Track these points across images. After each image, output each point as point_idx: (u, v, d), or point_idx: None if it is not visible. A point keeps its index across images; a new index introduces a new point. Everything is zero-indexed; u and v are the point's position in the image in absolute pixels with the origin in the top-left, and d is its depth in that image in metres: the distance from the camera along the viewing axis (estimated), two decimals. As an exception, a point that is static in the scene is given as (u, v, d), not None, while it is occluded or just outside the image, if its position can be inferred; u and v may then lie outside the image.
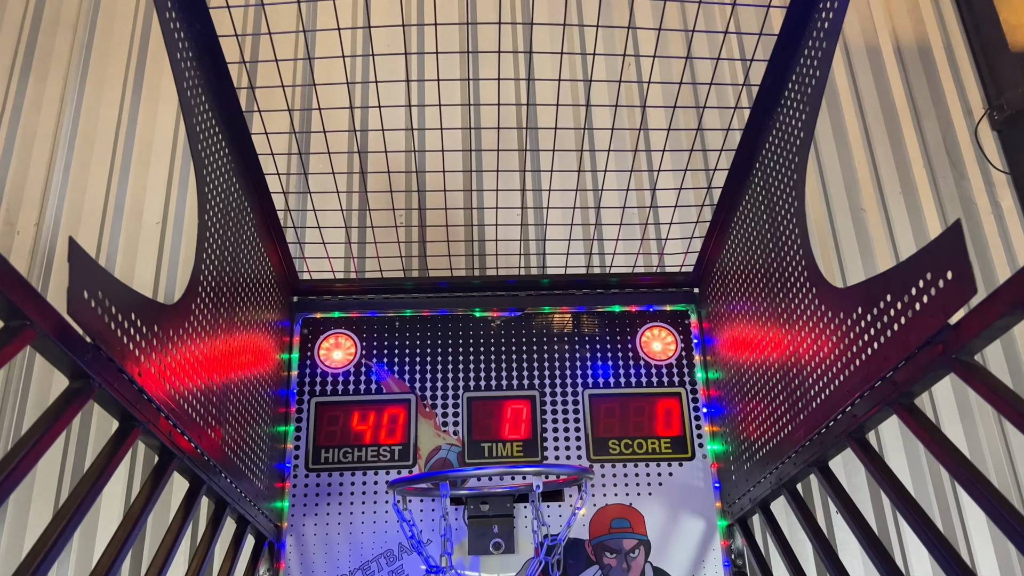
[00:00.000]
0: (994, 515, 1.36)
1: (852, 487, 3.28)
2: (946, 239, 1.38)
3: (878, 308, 1.63)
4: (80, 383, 1.38)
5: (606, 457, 2.78)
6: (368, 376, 2.87)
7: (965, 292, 1.34)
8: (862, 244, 3.91)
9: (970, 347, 1.40)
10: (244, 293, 2.36)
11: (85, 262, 1.34)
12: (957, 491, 3.34)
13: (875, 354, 1.66)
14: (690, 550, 2.69)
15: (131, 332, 1.52)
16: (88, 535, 3.13)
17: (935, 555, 1.57)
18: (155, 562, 1.77)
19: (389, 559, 2.64)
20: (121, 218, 3.79)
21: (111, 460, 1.51)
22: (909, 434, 3.40)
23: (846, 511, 1.93)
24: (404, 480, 2.40)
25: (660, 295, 3.04)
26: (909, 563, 3.22)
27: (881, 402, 1.68)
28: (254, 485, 2.38)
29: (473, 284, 2.99)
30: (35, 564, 1.25)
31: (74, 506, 1.38)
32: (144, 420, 1.59)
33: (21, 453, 1.21)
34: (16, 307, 1.15)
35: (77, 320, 1.31)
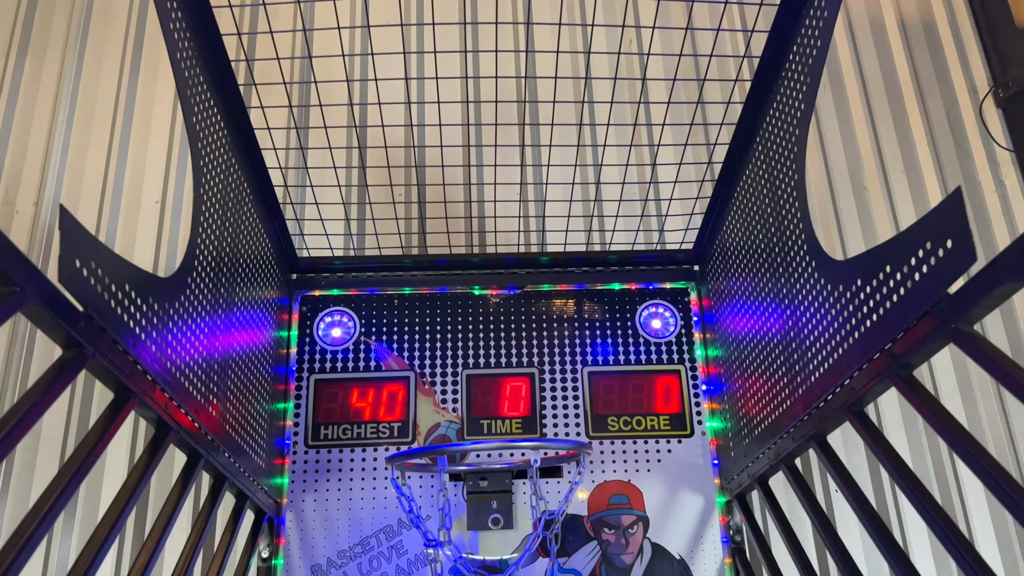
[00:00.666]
0: (993, 486, 1.36)
1: (852, 465, 3.28)
2: (946, 207, 1.37)
3: (877, 279, 1.62)
4: (73, 352, 1.37)
5: (605, 434, 2.78)
6: (367, 354, 2.87)
7: (965, 260, 1.32)
8: (864, 222, 3.89)
9: (969, 316, 1.39)
10: (241, 269, 2.35)
11: (76, 230, 1.33)
12: (956, 466, 3.34)
13: (874, 326, 1.64)
14: (688, 526, 2.69)
15: (125, 303, 1.51)
16: (91, 509, 3.14)
17: (934, 528, 1.56)
18: (152, 535, 1.78)
19: (388, 535, 2.65)
20: (120, 198, 3.78)
21: (107, 431, 1.51)
22: (908, 409, 3.40)
23: (844, 486, 1.92)
24: (402, 454, 2.40)
25: (660, 272, 3.02)
26: (908, 539, 3.22)
27: (880, 374, 1.67)
28: (253, 461, 2.38)
29: (472, 262, 2.98)
30: (27, 533, 1.25)
31: (69, 474, 1.38)
32: (139, 392, 1.59)
33: (12, 421, 1.20)
34: (6, 274, 1.14)
35: (68, 288, 1.30)
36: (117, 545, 3.09)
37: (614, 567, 2.63)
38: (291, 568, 2.61)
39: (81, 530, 3.12)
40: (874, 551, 2.06)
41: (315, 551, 2.63)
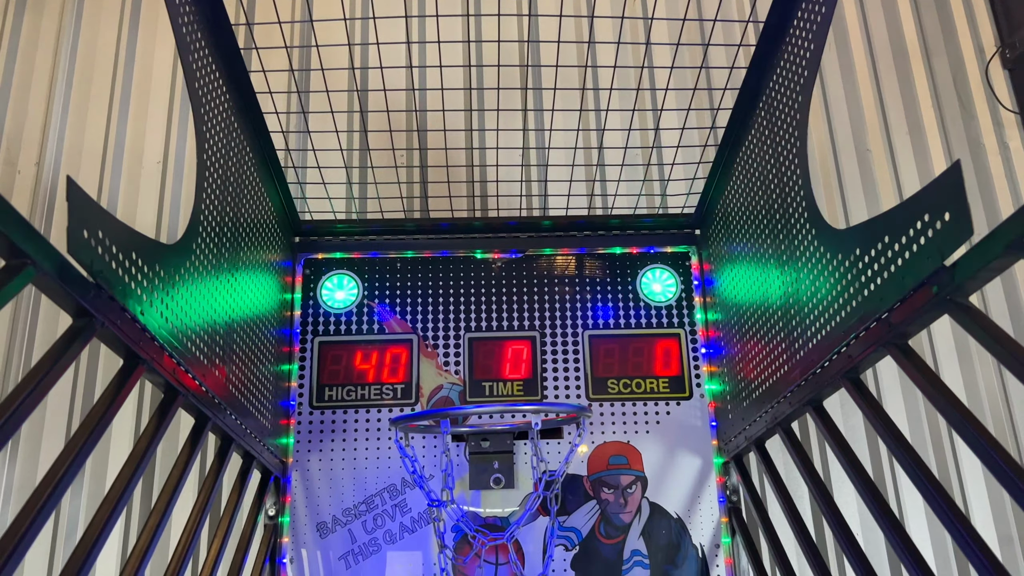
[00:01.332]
0: (984, 456, 1.39)
1: (849, 427, 3.32)
2: (945, 179, 1.38)
3: (876, 249, 1.64)
4: (83, 321, 1.40)
5: (605, 396, 2.82)
6: (370, 316, 2.90)
7: (962, 233, 1.34)
8: (866, 185, 3.88)
9: (965, 288, 1.41)
10: (245, 233, 2.37)
11: (84, 201, 1.34)
12: (953, 436, 3.39)
13: (871, 295, 1.66)
14: (686, 486, 2.75)
15: (132, 271, 1.53)
16: (99, 473, 3.21)
17: (926, 495, 1.60)
18: (162, 496, 1.82)
19: (392, 493, 2.71)
20: (121, 158, 3.78)
21: (116, 396, 1.54)
22: (908, 380, 3.44)
23: (839, 449, 1.96)
24: (406, 417, 2.44)
25: (661, 236, 3.03)
26: (903, 506, 3.28)
27: (876, 343, 1.69)
28: (259, 422, 2.43)
29: (474, 226, 2.99)
30: (43, 497, 1.29)
31: (81, 441, 1.42)
32: (148, 358, 1.62)
33: (27, 391, 1.23)
34: (16, 247, 1.16)
35: (77, 259, 1.32)
36: (126, 507, 3.16)
37: (613, 525, 2.69)
38: (297, 526, 2.67)
39: (90, 493, 3.19)
40: (870, 516, 2.10)
41: (320, 509, 2.69)
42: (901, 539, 1.70)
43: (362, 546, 2.65)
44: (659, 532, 2.70)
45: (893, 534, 1.72)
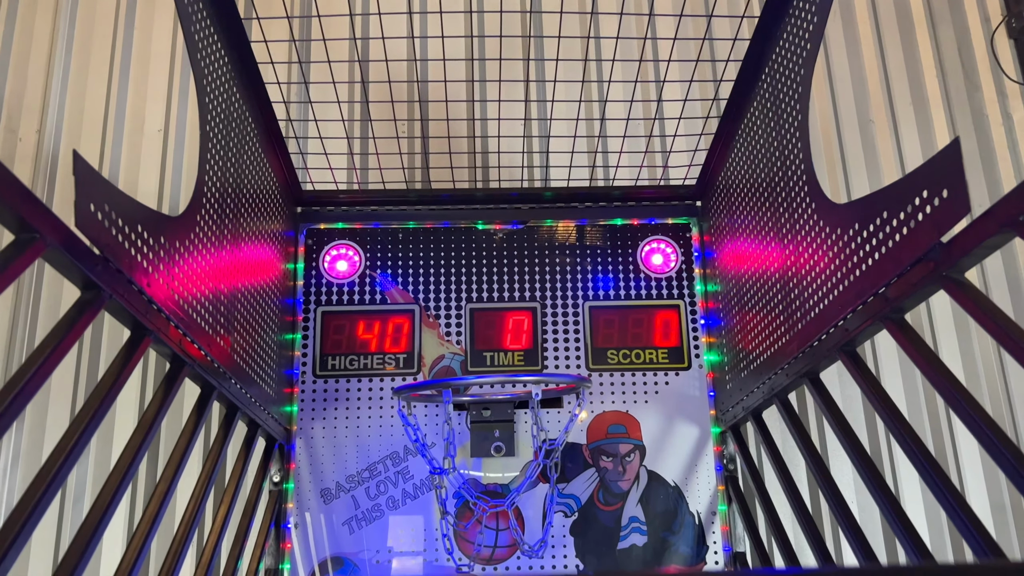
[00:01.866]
0: (976, 431, 1.41)
1: (846, 396, 3.35)
2: (944, 157, 1.39)
3: (874, 224, 1.65)
4: (91, 294, 1.42)
5: (604, 367, 2.85)
6: (372, 286, 2.92)
7: (959, 211, 1.35)
8: (868, 155, 3.88)
9: (960, 265, 1.43)
10: (248, 203, 2.38)
11: (90, 175, 1.36)
12: (950, 411, 3.42)
13: (869, 270, 1.68)
14: (684, 455, 2.79)
15: (138, 244, 1.55)
16: (105, 442, 3.25)
17: (919, 467, 1.63)
18: (169, 464, 1.86)
19: (395, 460, 2.75)
20: (123, 126, 3.78)
21: (124, 368, 1.57)
22: (907, 356, 3.47)
23: (834, 421, 2.00)
24: (408, 387, 2.48)
25: (662, 208, 3.04)
26: (898, 476, 3.32)
27: (873, 317, 1.71)
28: (263, 390, 2.46)
29: (476, 196, 3.00)
30: (55, 467, 1.32)
31: (91, 412, 1.45)
32: (154, 329, 1.64)
33: (37, 363, 1.26)
34: (25, 221, 1.18)
35: (85, 233, 1.34)
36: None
37: (611, 493, 2.74)
38: (301, 491, 2.72)
39: (96, 462, 3.23)
40: (865, 488, 2.14)
41: (324, 476, 2.74)
42: (895, 511, 1.74)
43: (365, 511, 2.70)
44: (657, 500, 2.75)
45: (887, 506, 1.76)
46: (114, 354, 1.59)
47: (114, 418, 3.28)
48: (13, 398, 1.18)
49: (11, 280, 1.16)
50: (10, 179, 1.13)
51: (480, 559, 2.67)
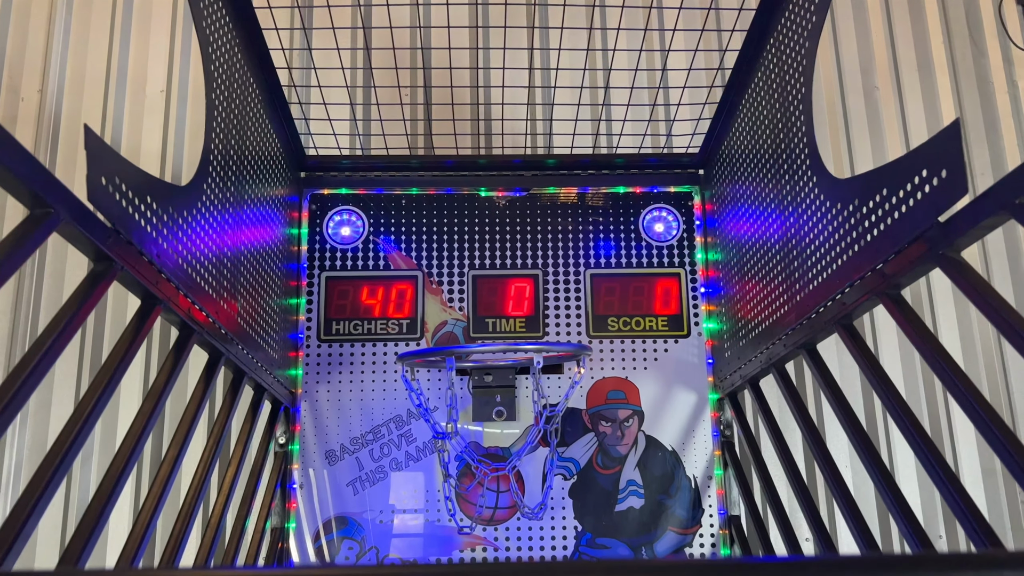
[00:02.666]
0: (966, 406, 1.45)
1: (843, 366, 3.39)
2: (944, 138, 1.41)
3: (874, 201, 1.67)
4: (103, 266, 1.45)
5: (605, 334, 2.89)
6: (376, 252, 2.95)
7: (957, 192, 1.38)
8: (872, 122, 3.87)
9: (957, 244, 1.45)
10: (252, 170, 2.40)
11: (101, 149, 1.38)
12: (947, 394, 3.46)
13: (868, 245, 1.71)
14: (681, 420, 2.84)
15: (148, 215, 1.58)
16: (111, 410, 3.29)
17: (911, 442, 1.68)
18: (180, 428, 1.90)
19: (398, 424, 2.81)
20: (124, 86, 3.76)
21: (136, 337, 1.60)
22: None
23: (830, 393, 2.04)
24: (413, 354, 2.52)
25: (665, 176, 3.05)
26: (893, 449, 3.36)
27: (870, 292, 1.74)
28: (268, 354, 2.51)
29: (479, 163, 3.01)
30: (71, 436, 1.36)
31: (104, 381, 1.48)
32: (164, 298, 1.68)
33: (53, 334, 1.29)
34: (40, 196, 1.20)
35: (97, 206, 1.36)
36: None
37: (610, 457, 2.80)
38: (306, 453, 2.79)
39: (103, 431, 3.28)
40: (859, 458, 2.19)
41: (329, 438, 2.80)
42: (888, 484, 1.79)
43: (369, 473, 2.77)
44: (654, 464, 2.81)
45: (880, 479, 1.80)
46: (111, 324, 1.62)
47: (119, 389, 3.33)
48: (31, 371, 1.22)
49: (29, 254, 1.19)
50: (24, 155, 1.15)
51: (481, 520, 2.74)
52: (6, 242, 1.17)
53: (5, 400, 1.17)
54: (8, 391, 1.18)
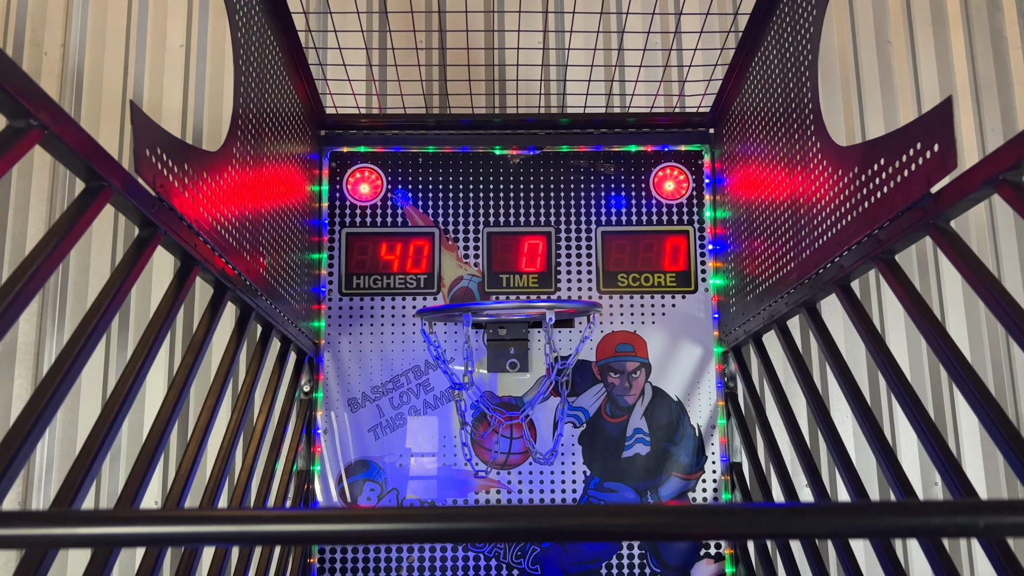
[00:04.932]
0: (959, 380, 1.54)
1: (848, 330, 3.46)
2: (937, 114, 1.49)
3: (872, 170, 1.76)
4: (148, 231, 1.56)
5: (614, 289, 3.00)
6: (394, 209, 3.05)
7: (948, 165, 1.46)
8: (884, 78, 3.90)
9: (947, 214, 1.54)
10: (277, 131, 2.49)
11: (145, 122, 1.48)
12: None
13: (865, 211, 1.80)
14: (687, 372, 2.97)
15: (185, 181, 1.68)
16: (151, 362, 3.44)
17: (903, 404, 1.79)
18: (216, 380, 2.04)
19: (416, 374, 2.95)
20: (145, 41, 3.83)
21: (176, 297, 1.72)
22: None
23: (828, 352, 2.15)
24: (431, 310, 2.65)
25: (676, 135, 3.12)
26: (894, 410, 3.46)
27: (866, 256, 1.84)
28: (294, 307, 2.63)
29: (494, 122, 3.08)
30: (123, 393, 1.50)
31: (152, 337, 1.61)
32: (202, 260, 1.79)
33: (106, 301, 1.41)
34: (95, 170, 1.31)
35: (143, 177, 1.47)
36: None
37: (618, 406, 2.94)
38: (330, 400, 2.94)
39: (151, 384, 3.44)
40: (854, 415, 2.29)
41: (351, 387, 2.94)
42: (882, 447, 1.90)
43: (389, 419, 2.92)
44: (660, 413, 2.94)
45: (875, 441, 1.91)
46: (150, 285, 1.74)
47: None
48: (91, 331, 1.34)
49: (87, 225, 1.30)
50: (82, 135, 1.26)
51: (495, 465, 2.90)
52: (67, 214, 1.28)
53: (71, 358, 1.29)
54: (71, 352, 1.30)
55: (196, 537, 0.63)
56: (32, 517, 0.63)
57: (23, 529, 0.63)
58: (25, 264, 1.19)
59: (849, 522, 0.63)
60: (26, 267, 1.18)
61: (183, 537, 0.64)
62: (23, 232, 3.60)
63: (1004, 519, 0.62)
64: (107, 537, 0.63)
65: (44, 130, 1.16)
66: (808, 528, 0.63)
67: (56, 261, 1.24)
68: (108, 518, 0.63)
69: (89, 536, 0.62)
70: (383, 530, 0.63)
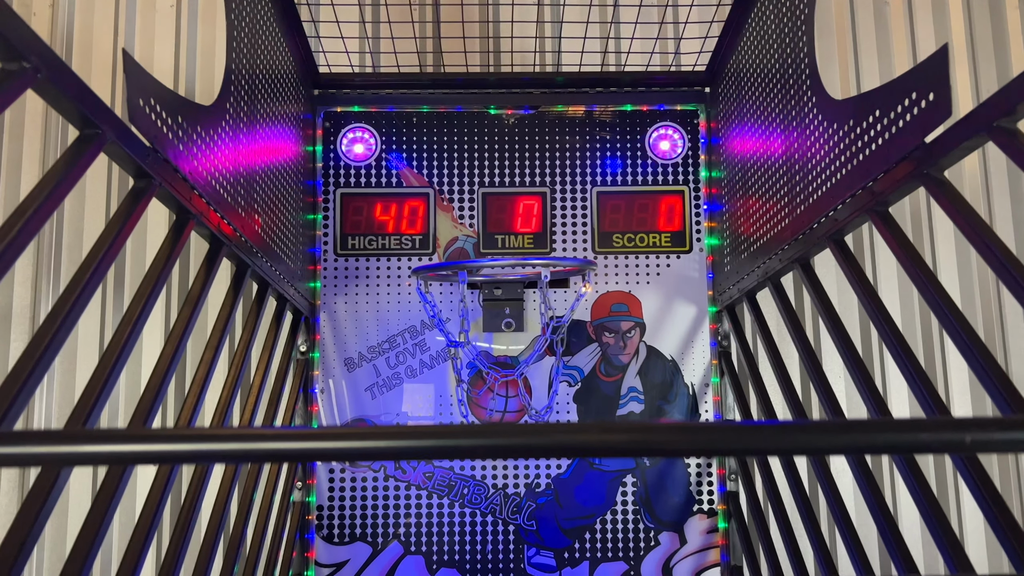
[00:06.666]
0: (951, 331, 1.56)
1: (841, 289, 3.48)
2: (932, 62, 1.49)
3: (867, 122, 1.76)
4: (143, 183, 1.56)
5: (610, 250, 3.01)
6: (389, 170, 3.04)
7: (942, 114, 1.47)
8: (880, 39, 3.88)
9: (940, 164, 1.55)
10: (270, 88, 2.47)
11: (137, 71, 1.47)
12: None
13: (860, 164, 1.80)
14: (681, 331, 2.99)
15: (180, 134, 1.68)
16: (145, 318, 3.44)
17: (895, 355, 1.80)
18: (210, 343, 2.04)
19: (412, 334, 2.96)
20: (135, 1, 3.78)
21: (172, 252, 1.72)
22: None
23: (821, 305, 2.16)
24: (427, 268, 2.65)
25: (672, 94, 3.11)
26: (886, 365, 3.50)
27: (860, 209, 1.85)
28: (290, 267, 2.64)
29: (488, 81, 3.06)
30: (125, 334, 1.50)
31: (147, 290, 1.61)
32: (197, 213, 1.79)
33: (103, 249, 1.41)
34: (89, 118, 1.31)
35: (137, 126, 1.46)
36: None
37: (612, 365, 2.96)
38: (326, 360, 2.95)
39: (147, 338, 3.44)
40: (848, 372, 2.31)
41: (347, 346, 2.96)
42: (876, 402, 1.92)
43: (385, 379, 2.94)
44: (654, 372, 2.97)
45: (869, 397, 1.93)
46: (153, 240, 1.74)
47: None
48: (86, 283, 1.34)
49: (81, 173, 1.30)
50: (75, 81, 1.25)
51: (491, 422, 2.93)
52: (62, 161, 1.28)
53: (66, 309, 1.29)
54: (66, 303, 1.30)
55: (202, 455, 0.64)
56: (46, 435, 0.64)
57: (39, 447, 0.64)
58: (19, 211, 1.19)
59: (837, 438, 0.65)
60: (20, 214, 1.18)
61: (188, 455, 0.65)
62: (17, 198, 3.58)
63: (991, 435, 0.64)
64: (119, 455, 0.65)
65: (37, 73, 1.15)
66: (798, 444, 0.65)
67: (50, 209, 1.24)
68: (120, 436, 0.65)
69: (102, 453, 0.64)
70: (382, 447, 0.64)
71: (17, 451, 0.64)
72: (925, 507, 1.66)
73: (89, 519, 1.42)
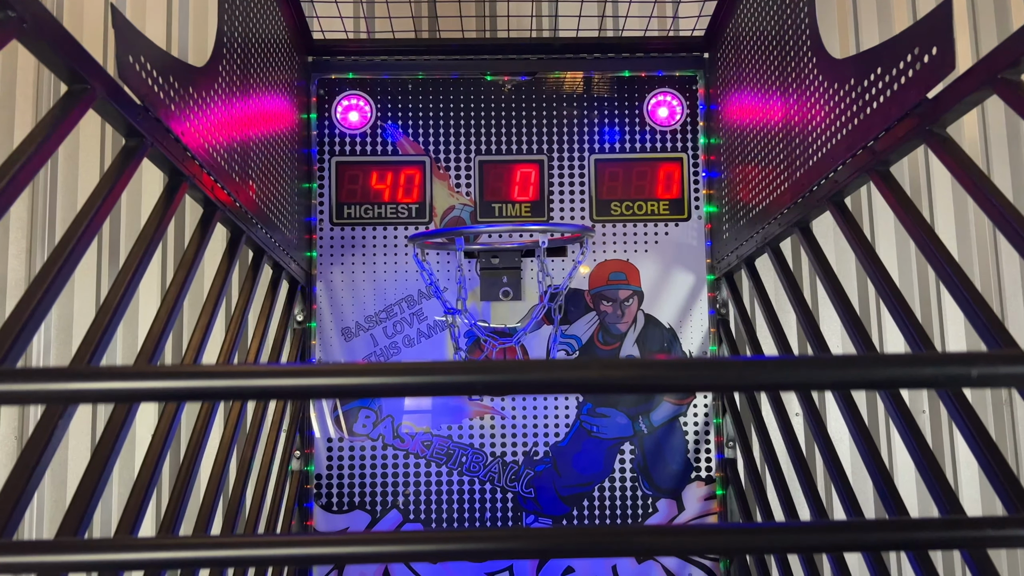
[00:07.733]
0: (952, 288, 1.55)
1: (839, 251, 3.48)
2: (935, 17, 1.46)
3: (868, 80, 1.73)
4: (135, 142, 1.54)
5: (607, 218, 2.99)
6: (384, 137, 3.01)
7: (946, 68, 1.45)
8: (881, 4, 3.83)
9: (943, 120, 1.53)
10: (263, 53, 2.44)
11: (127, 28, 1.44)
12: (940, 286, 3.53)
13: (861, 124, 1.78)
14: (679, 300, 2.98)
15: (171, 94, 1.65)
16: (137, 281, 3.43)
17: (893, 313, 1.79)
18: (205, 307, 2.02)
19: (410, 303, 2.95)
20: (126, -31, 3.72)
21: (165, 213, 1.71)
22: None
23: (821, 271, 2.15)
24: (423, 234, 2.63)
25: (670, 60, 3.07)
26: (883, 326, 3.49)
27: (860, 169, 1.83)
28: (286, 236, 2.62)
29: (484, 46, 3.03)
30: (116, 298, 1.49)
31: (137, 258, 1.59)
32: (190, 175, 1.77)
33: (90, 213, 1.39)
34: (78, 73, 1.28)
35: (127, 83, 1.44)
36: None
37: (610, 334, 2.96)
38: (323, 330, 2.94)
39: (143, 304, 3.42)
40: (847, 334, 2.30)
41: (344, 316, 2.94)
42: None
43: (383, 348, 2.93)
44: (652, 340, 2.96)
45: (864, 351, 1.93)
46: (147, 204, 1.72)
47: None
48: (75, 244, 1.32)
49: (70, 128, 1.28)
50: (63, 33, 1.22)
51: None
52: (49, 116, 1.25)
53: (54, 271, 1.27)
54: (54, 265, 1.28)
55: (204, 391, 0.63)
56: (52, 373, 0.63)
57: (45, 384, 0.63)
58: (5, 167, 1.16)
59: (841, 373, 0.64)
60: (6, 170, 1.16)
61: (189, 392, 0.64)
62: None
63: (997, 369, 0.62)
64: (125, 392, 0.64)
65: (22, 23, 1.12)
66: (800, 378, 0.64)
67: (37, 165, 1.21)
68: (125, 373, 0.64)
69: (108, 391, 0.63)
70: (380, 383, 0.63)
71: (20, 388, 0.63)
72: (918, 454, 1.66)
73: (91, 465, 1.42)
